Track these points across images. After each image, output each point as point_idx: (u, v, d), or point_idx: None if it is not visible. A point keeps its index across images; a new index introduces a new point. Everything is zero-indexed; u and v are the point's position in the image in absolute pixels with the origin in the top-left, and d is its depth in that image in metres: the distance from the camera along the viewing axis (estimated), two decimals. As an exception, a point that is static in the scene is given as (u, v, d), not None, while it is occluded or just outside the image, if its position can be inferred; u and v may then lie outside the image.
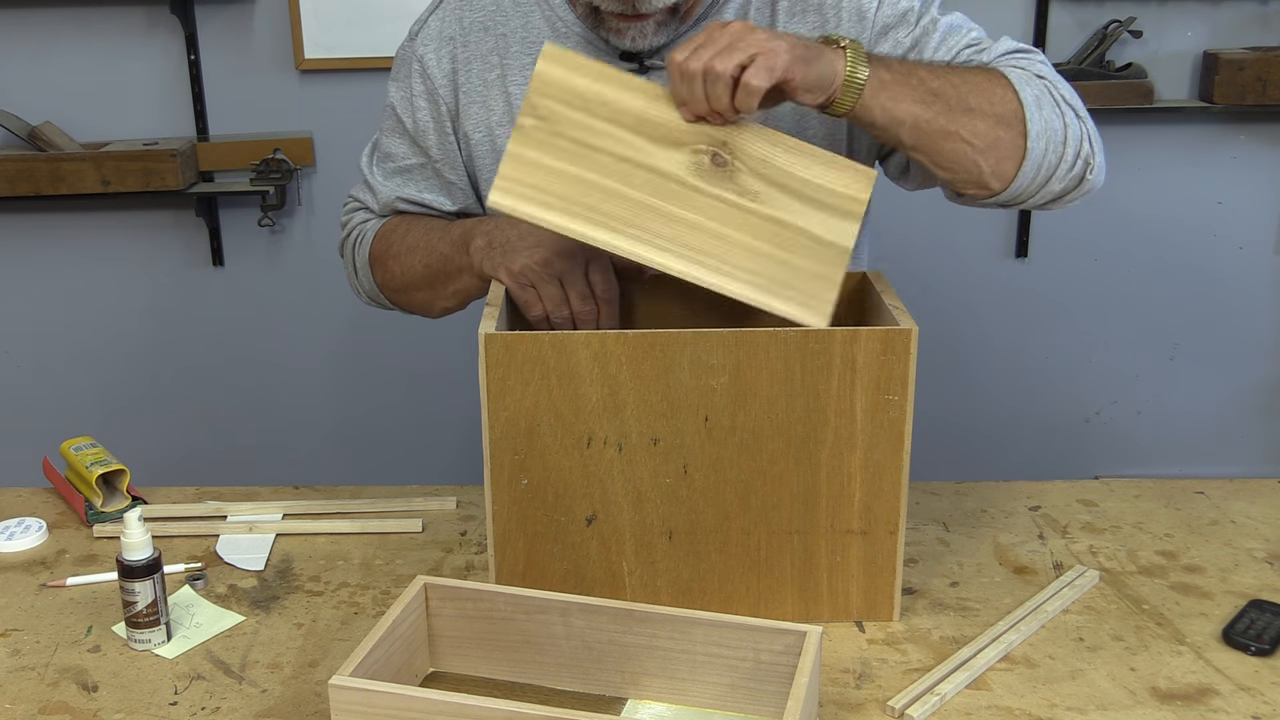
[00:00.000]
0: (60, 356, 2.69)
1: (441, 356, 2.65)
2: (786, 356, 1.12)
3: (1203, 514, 1.44)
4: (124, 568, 1.18)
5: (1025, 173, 1.21)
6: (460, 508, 1.47)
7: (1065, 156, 1.22)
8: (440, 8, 1.43)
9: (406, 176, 1.46)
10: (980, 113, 1.18)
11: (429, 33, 1.42)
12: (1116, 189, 2.63)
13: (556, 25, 1.37)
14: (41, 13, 2.46)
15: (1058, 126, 1.22)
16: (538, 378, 1.12)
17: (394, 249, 1.44)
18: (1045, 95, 1.23)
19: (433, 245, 1.40)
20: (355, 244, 1.50)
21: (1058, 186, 1.24)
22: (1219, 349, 2.75)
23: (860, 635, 1.20)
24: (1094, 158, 1.25)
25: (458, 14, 1.41)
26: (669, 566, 1.19)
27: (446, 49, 1.41)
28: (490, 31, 1.40)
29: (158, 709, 1.10)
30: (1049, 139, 1.21)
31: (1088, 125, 1.25)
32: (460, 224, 1.40)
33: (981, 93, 1.19)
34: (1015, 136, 1.20)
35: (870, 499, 1.17)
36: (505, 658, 1.11)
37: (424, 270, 1.41)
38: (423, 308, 1.48)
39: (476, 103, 1.40)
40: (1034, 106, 1.20)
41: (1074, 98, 1.27)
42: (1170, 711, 1.08)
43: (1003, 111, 1.19)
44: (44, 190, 2.41)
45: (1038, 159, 1.21)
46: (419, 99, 1.42)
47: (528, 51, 1.38)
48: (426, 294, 1.44)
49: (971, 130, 1.18)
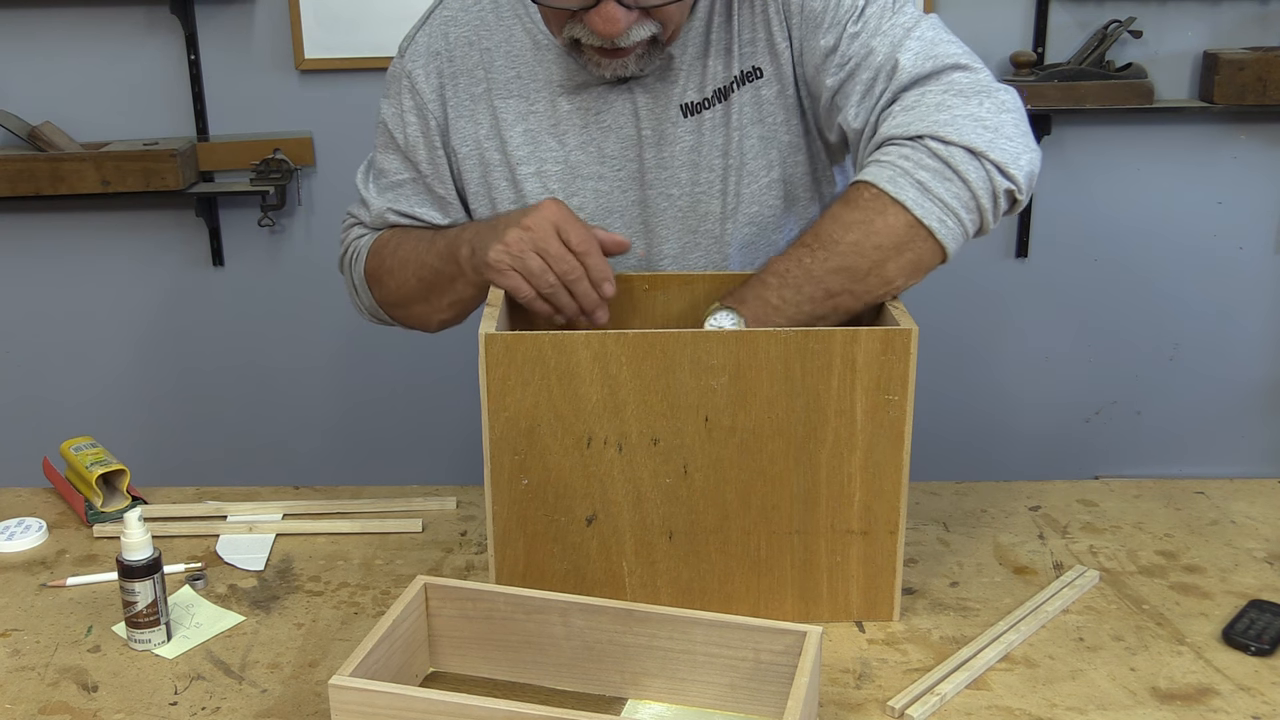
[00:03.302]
0: (60, 356, 2.69)
1: (441, 357, 2.65)
2: (786, 356, 1.12)
3: (1203, 514, 1.44)
4: (124, 568, 1.18)
5: (955, 249, 1.19)
6: (460, 508, 1.47)
7: (982, 207, 1.18)
8: (428, 24, 1.43)
9: (398, 191, 1.46)
10: (881, 261, 1.17)
11: (417, 49, 1.42)
12: (1116, 189, 2.64)
13: (538, 38, 1.37)
14: (41, 13, 2.46)
15: (959, 195, 1.17)
16: (538, 378, 1.12)
17: (387, 264, 1.44)
18: (929, 168, 1.16)
19: (422, 259, 1.40)
20: (352, 261, 1.50)
21: (995, 224, 1.22)
22: (1219, 349, 2.75)
23: (860, 635, 1.20)
24: (1015, 179, 1.18)
25: (443, 30, 1.41)
26: (669, 566, 1.19)
27: (434, 64, 1.40)
28: (475, 46, 1.39)
29: (158, 709, 1.10)
30: (957, 214, 1.18)
31: (993, 151, 1.17)
32: (444, 235, 1.39)
33: (870, 242, 1.16)
34: (923, 243, 1.17)
35: (870, 499, 1.17)
36: (505, 658, 1.11)
37: (417, 284, 1.41)
38: (421, 321, 1.48)
39: (464, 117, 1.40)
40: (921, 203, 1.16)
41: (968, 109, 1.18)
42: (1170, 711, 1.08)
43: (899, 239, 1.17)
44: (44, 190, 2.41)
45: (958, 236, 1.19)
46: (408, 114, 1.42)
47: (511, 66, 1.38)
48: (423, 307, 1.44)
49: (885, 277, 1.18)
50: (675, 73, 1.35)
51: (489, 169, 1.40)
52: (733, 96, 1.35)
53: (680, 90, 1.35)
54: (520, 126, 1.38)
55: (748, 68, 1.35)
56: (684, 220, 1.39)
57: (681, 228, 1.39)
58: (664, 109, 1.36)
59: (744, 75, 1.35)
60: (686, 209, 1.38)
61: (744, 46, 1.35)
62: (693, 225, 1.39)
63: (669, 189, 1.38)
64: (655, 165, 1.37)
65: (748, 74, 1.35)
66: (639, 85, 1.36)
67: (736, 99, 1.35)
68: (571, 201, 1.38)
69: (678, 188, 1.38)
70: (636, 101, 1.36)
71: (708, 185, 1.37)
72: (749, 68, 1.35)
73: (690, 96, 1.35)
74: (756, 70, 1.35)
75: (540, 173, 1.38)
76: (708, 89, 1.35)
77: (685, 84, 1.35)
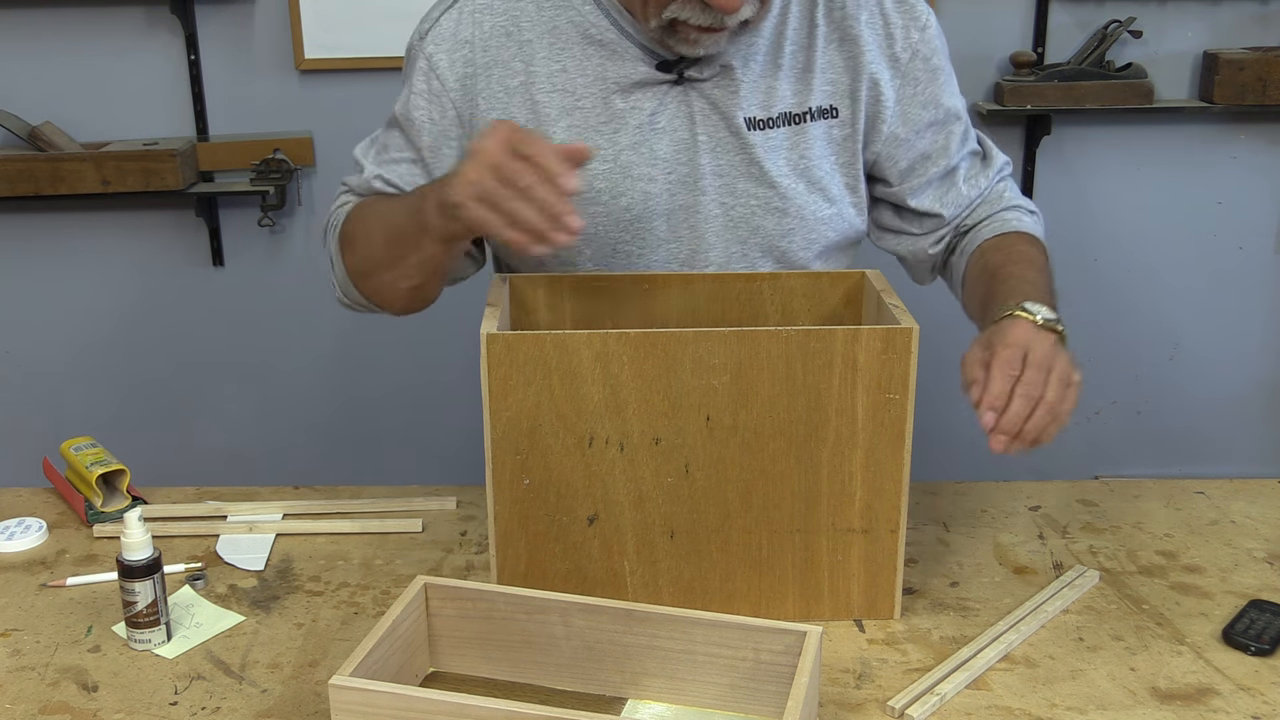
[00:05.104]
0: (60, 356, 2.68)
1: (442, 356, 2.65)
2: (788, 355, 1.12)
3: (1203, 514, 1.44)
4: (124, 568, 1.18)
5: None
6: (460, 508, 1.47)
7: None
8: (454, 8, 1.38)
9: (394, 168, 1.42)
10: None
11: (441, 32, 1.38)
12: (1116, 189, 2.64)
13: (589, 32, 1.35)
14: (41, 13, 2.46)
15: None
16: (539, 377, 1.12)
17: (360, 227, 1.38)
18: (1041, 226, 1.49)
19: (390, 218, 1.34)
20: (330, 230, 1.45)
21: None
22: (1219, 349, 2.75)
23: (860, 635, 1.20)
24: None
25: (474, 18, 1.37)
26: (670, 566, 1.19)
27: (461, 52, 1.37)
28: (513, 37, 1.36)
29: (158, 709, 1.10)
30: None
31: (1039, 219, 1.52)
32: (412, 192, 1.33)
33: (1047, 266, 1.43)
34: None
35: (871, 497, 1.17)
36: (505, 658, 1.11)
37: (384, 243, 1.34)
38: (386, 295, 1.38)
39: (497, 109, 1.37)
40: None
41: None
42: (1170, 711, 1.08)
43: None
44: (44, 190, 2.41)
45: None
46: (418, 97, 1.39)
47: (556, 59, 1.35)
48: (389, 274, 1.35)
49: None
50: (736, 84, 1.35)
51: None
52: (806, 125, 1.37)
53: (743, 103, 1.35)
54: (564, 122, 1.36)
55: (825, 105, 1.38)
56: (734, 230, 1.38)
57: (730, 237, 1.39)
58: (723, 118, 1.35)
59: (820, 111, 1.38)
60: (739, 219, 1.38)
61: (825, 85, 1.38)
62: (743, 236, 1.39)
63: (723, 197, 1.37)
64: (711, 172, 1.36)
65: (824, 110, 1.38)
66: (696, 90, 1.35)
67: (811, 129, 1.38)
68: (619, 201, 1.36)
69: (732, 197, 1.37)
70: (693, 106, 1.35)
71: (765, 200, 1.37)
72: (827, 105, 1.38)
73: (754, 112, 1.36)
74: (833, 109, 1.38)
75: (587, 170, 1.34)
76: (774, 109, 1.36)
77: (749, 98, 1.35)
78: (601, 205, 1.36)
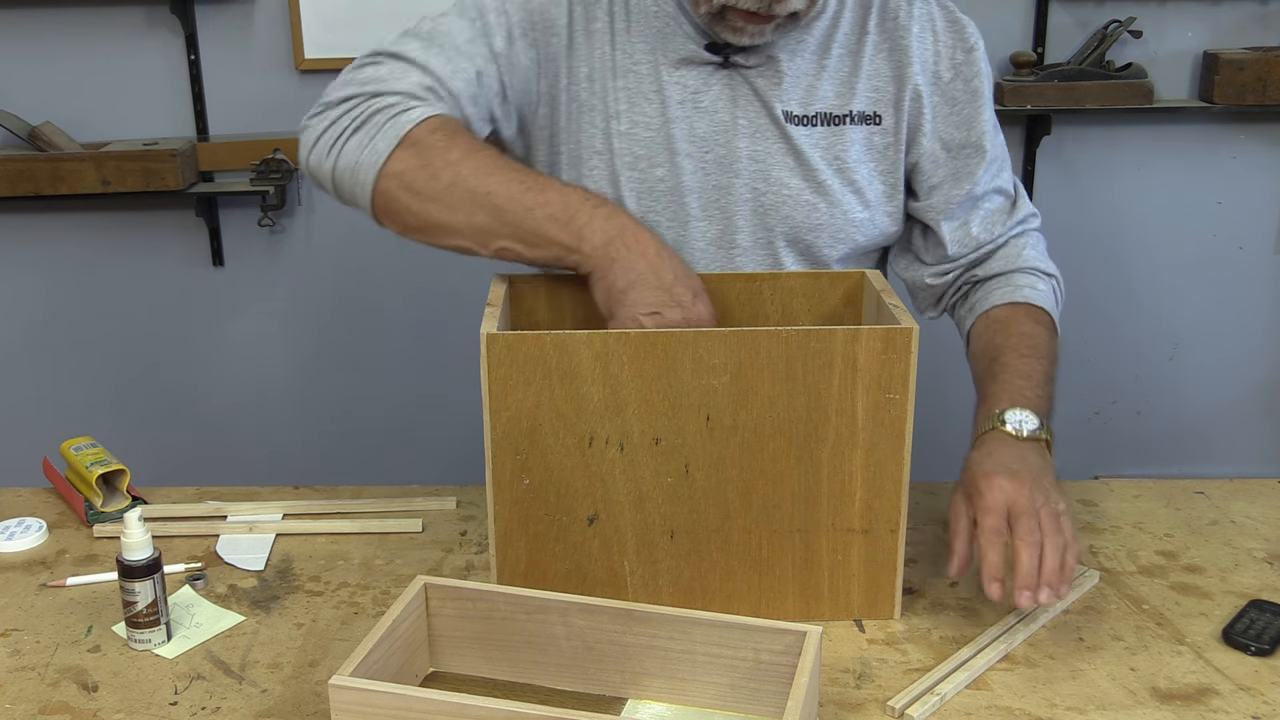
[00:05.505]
0: (60, 356, 2.68)
1: (442, 356, 2.65)
2: (788, 355, 1.12)
3: (1203, 514, 1.44)
4: (124, 568, 1.18)
5: None
6: (460, 508, 1.47)
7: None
8: None
9: (458, 64, 1.29)
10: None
11: None
12: (1116, 189, 2.64)
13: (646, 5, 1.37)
14: (41, 13, 2.46)
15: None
16: (539, 377, 1.12)
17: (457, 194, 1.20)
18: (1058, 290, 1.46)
19: (517, 205, 1.20)
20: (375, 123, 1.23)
21: None
22: (1219, 349, 2.75)
23: (860, 635, 1.20)
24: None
25: None
26: (671, 566, 1.19)
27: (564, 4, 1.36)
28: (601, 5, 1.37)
29: (158, 709, 1.10)
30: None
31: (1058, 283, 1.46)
32: (558, 193, 1.22)
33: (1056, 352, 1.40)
34: None
35: (871, 497, 1.17)
36: (505, 658, 1.11)
37: (489, 220, 1.20)
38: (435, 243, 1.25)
39: (571, 49, 1.36)
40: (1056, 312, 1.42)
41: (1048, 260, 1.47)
42: (1170, 711, 1.08)
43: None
44: (44, 190, 2.41)
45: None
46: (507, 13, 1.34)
47: (623, 18, 1.37)
48: (462, 243, 1.23)
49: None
50: (780, 76, 1.36)
51: (582, 109, 1.37)
52: (844, 128, 1.38)
53: (784, 95, 1.37)
54: (623, 80, 1.37)
55: (869, 111, 1.39)
56: (763, 217, 1.39)
57: (758, 223, 1.40)
58: (763, 106, 1.37)
59: (861, 116, 1.39)
60: (769, 206, 1.39)
61: (869, 91, 1.39)
62: (770, 224, 1.40)
63: (756, 182, 1.38)
64: (748, 156, 1.38)
65: (867, 116, 1.39)
66: (740, 76, 1.37)
67: (849, 132, 1.38)
68: (654, 173, 1.37)
69: (765, 183, 1.38)
70: (736, 90, 1.37)
71: (797, 191, 1.38)
72: (870, 111, 1.39)
73: (793, 107, 1.37)
74: (876, 116, 1.39)
75: (631, 134, 1.37)
76: (812, 107, 1.37)
77: (790, 92, 1.37)
78: (638, 172, 1.38)
